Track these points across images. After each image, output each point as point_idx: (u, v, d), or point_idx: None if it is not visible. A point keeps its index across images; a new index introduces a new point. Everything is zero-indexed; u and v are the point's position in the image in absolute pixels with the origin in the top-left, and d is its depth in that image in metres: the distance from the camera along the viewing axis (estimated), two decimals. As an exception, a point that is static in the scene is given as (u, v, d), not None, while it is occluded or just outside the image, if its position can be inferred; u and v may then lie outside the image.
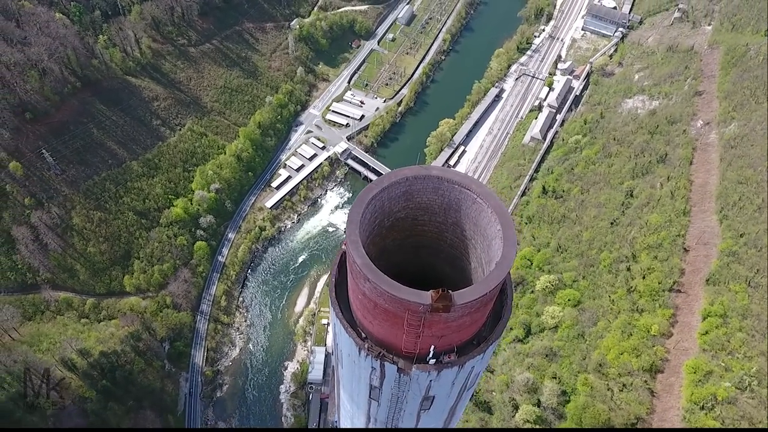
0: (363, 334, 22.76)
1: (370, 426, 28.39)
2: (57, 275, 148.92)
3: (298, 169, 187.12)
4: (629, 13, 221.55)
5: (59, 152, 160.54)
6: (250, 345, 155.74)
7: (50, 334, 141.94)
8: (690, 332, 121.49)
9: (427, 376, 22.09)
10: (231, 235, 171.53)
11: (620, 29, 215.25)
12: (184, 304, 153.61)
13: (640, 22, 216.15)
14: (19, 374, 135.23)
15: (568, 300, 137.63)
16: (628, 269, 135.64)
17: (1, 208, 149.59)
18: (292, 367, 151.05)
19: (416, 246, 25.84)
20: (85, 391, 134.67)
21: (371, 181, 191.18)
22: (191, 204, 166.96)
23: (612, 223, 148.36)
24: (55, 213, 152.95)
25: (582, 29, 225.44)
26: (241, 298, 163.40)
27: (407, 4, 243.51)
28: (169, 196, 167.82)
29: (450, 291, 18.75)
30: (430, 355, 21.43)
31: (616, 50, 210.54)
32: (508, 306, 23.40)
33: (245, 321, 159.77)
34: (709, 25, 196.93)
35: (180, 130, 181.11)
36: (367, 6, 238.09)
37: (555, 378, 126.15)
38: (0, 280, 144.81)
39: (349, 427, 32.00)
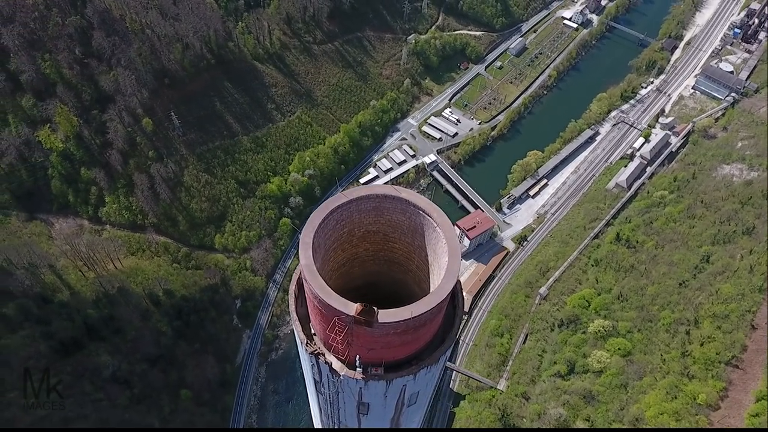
0: (312, 330, 23.78)
1: (322, 415, 29.76)
2: (162, 222, 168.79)
3: (387, 171, 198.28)
4: (746, 80, 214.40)
5: (184, 117, 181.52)
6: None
7: (146, 271, 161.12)
8: (739, 410, 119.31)
9: (356, 383, 22.76)
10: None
11: (733, 94, 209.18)
12: (261, 270, 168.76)
13: (756, 91, 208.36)
14: (114, 298, 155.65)
15: (618, 349, 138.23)
16: (687, 333, 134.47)
17: (130, 156, 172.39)
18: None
19: (388, 260, 26.88)
20: (162, 326, 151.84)
21: (450, 194, 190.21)
22: (285, 184, 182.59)
23: (680, 284, 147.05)
24: (171, 168, 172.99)
25: (692, 88, 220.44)
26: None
27: (521, 36, 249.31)
28: (268, 173, 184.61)
29: (375, 308, 19.34)
30: (357, 364, 22.22)
31: (723, 114, 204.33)
32: (452, 334, 23.57)
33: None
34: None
35: (290, 116, 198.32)
36: (482, 32, 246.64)
37: (588, 420, 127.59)
38: (116, 217, 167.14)
39: (315, 417, 33.93)
